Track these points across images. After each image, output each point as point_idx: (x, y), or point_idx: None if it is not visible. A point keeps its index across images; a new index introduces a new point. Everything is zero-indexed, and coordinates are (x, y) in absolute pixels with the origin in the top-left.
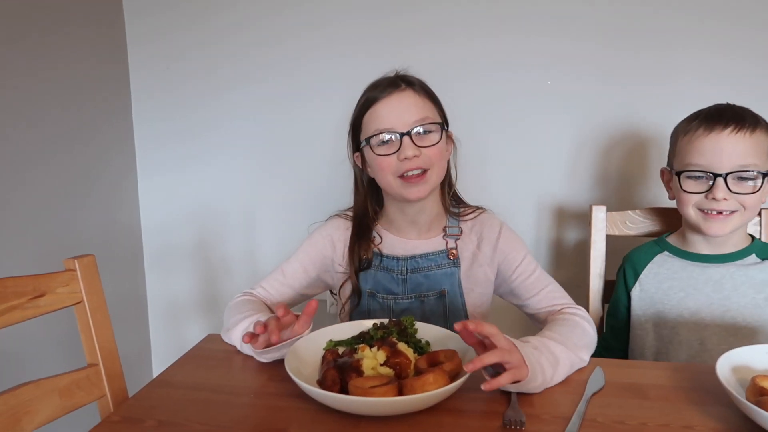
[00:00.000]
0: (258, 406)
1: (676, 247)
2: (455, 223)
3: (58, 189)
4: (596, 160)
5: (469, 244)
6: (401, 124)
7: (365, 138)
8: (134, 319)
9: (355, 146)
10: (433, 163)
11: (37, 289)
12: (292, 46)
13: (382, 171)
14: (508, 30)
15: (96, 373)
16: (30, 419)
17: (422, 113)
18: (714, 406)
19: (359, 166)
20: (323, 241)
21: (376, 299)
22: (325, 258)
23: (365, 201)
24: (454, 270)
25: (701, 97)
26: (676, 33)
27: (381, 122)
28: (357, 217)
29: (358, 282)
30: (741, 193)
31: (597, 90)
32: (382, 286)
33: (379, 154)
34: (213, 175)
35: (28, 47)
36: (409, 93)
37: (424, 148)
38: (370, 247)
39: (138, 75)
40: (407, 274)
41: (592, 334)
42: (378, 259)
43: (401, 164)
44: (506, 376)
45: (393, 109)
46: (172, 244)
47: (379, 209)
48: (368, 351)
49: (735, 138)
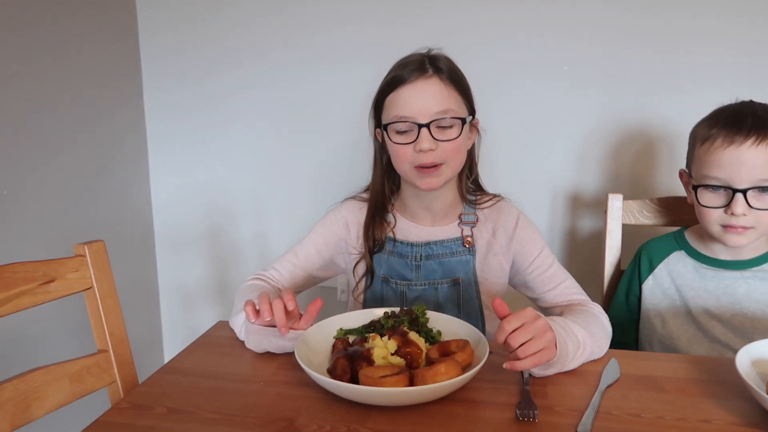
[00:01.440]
0: (267, 394)
1: (693, 249)
2: (471, 210)
3: (70, 174)
4: (611, 148)
5: (485, 233)
6: (421, 115)
7: (385, 122)
8: (145, 304)
9: (376, 122)
10: (448, 158)
11: (47, 274)
12: (308, 26)
13: (398, 158)
14: (525, 13)
15: (106, 359)
16: (40, 405)
17: (445, 105)
18: (732, 399)
19: (380, 142)
20: (337, 222)
21: (389, 285)
22: (339, 240)
23: (383, 179)
24: (469, 258)
25: (719, 89)
26: (695, 21)
27: (401, 109)
28: (374, 193)
29: (372, 262)
30: (761, 208)
31: (614, 78)
32: (396, 271)
33: (396, 142)
34: (224, 160)
35: (39, 34)
36: (434, 81)
37: (441, 142)
38: (384, 227)
39: (150, 62)
40: (421, 260)
41: (609, 330)
42: (391, 244)
43: (416, 155)
44: (534, 359)
45: (416, 97)
46: (183, 229)
47: (396, 190)
48: (379, 340)
49: (756, 151)
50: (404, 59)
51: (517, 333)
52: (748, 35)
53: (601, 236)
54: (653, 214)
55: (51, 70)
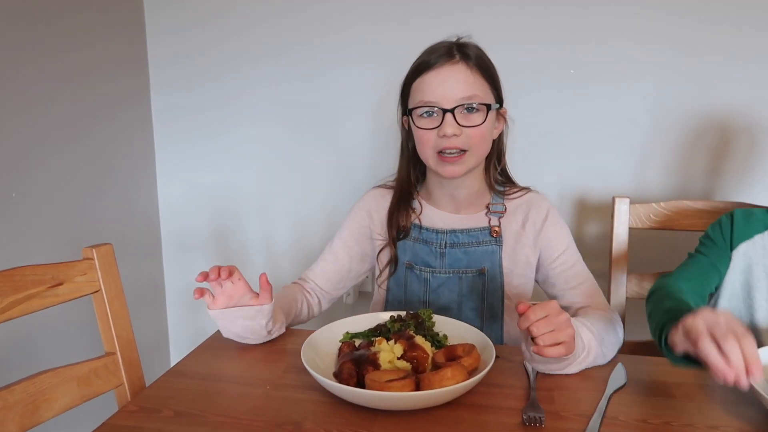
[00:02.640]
0: (274, 398)
1: None
2: (500, 200)
3: (77, 175)
4: (619, 151)
5: (514, 224)
6: (446, 100)
7: (410, 108)
8: (152, 307)
9: (404, 109)
10: (472, 145)
11: (56, 277)
12: (316, 23)
13: (421, 144)
14: (531, 16)
15: (113, 361)
16: (48, 407)
17: (471, 91)
18: (741, 406)
19: (406, 130)
20: (360, 213)
21: (413, 271)
22: (363, 228)
23: (408, 166)
24: (496, 248)
25: (727, 92)
26: (703, 24)
27: (427, 94)
28: (400, 181)
29: (396, 249)
30: None
31: (622, 80)
32: (420, 258)
33: (420, 127)
34: (231, 161)
35: (46, 34)
36: (461, 67)
37: (466, 128)
38: (409, 214)
39: (157, 62)
40: (446, 248)
41: (621, 339)
42: (417, 231)
43: (440, 141)
44: (558, 348)
45: (441, 82)
46: (190, 230)
47: (422, 178)
48: (385, 344)
49: None
50: (433, 46)
51: (540, 322)
52: (753, 36)
53: (607, 239)
54: (660, 218)
55: (58, 71)
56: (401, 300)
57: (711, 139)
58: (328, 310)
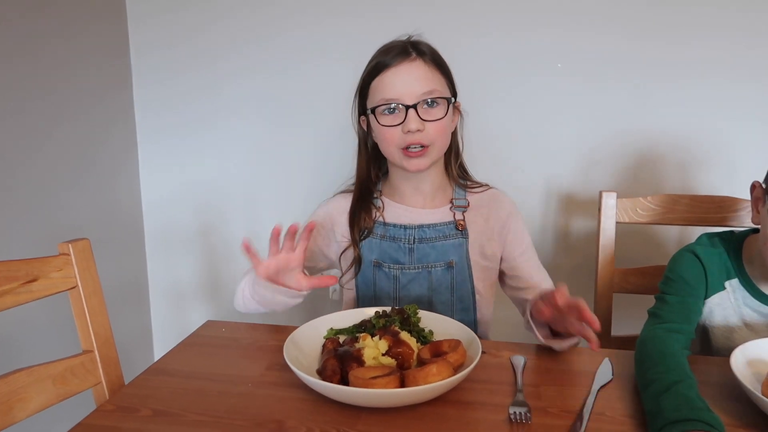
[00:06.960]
0: (256, 396)
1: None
2: (462, 194)
3: (55, 169)
4: (606, 146)
5: (478, 218)
6: (408, 96)
7: (371, 107)
8: (135, 303)
9: (360, 110)
10: (434, 139)
11: (30, 273)
12: (294, 21)
13: (385, 141)
14: (520, 7)
15: (91, 360)
16: (23, 407)
17: (431, 85)
18: (727, 400)
19: (364, 130)
20: (323, 215)
21: (382, 269)
22: (325, 230)
23: (368, 165)
24: (462, 241)
25: (716, 84)
26: (694, 21)
27: (388, 92)
28: (361, 180)
29: (360, 250)
30: None
31: (611, 75)
32: (389, 255)
33: (384, 124)
34: (215, 154)
35: (22, 23)
36: (418, 63)
37: (428, 122)
38: (372, 213)
39: (139, 53)
40: (414, 243)
41: None
42: (381, 228)
43: (404, 137)
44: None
45: (401, 80)
46: (174, 226)
47: (382, 176)
48: (370, 340)
49: None
50: (386, 46)
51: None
52: (744, 29)
53: (594, 234)
54: (647, 212)
55: (32, 62)
56: (371, 298)
57: (698, 132)
58: (312, 306)
